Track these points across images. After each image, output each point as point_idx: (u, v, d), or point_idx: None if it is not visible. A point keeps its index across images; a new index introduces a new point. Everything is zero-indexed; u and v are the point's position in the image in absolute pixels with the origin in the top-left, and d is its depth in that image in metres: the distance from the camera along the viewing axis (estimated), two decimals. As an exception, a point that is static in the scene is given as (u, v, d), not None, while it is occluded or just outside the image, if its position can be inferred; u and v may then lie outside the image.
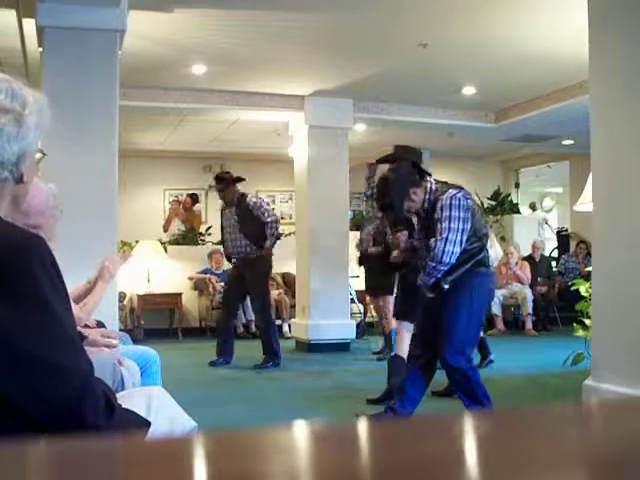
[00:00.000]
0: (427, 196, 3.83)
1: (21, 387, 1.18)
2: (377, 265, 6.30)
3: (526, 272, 9.53)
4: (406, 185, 3.80)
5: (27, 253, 1.21)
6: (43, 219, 2.03)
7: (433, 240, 3.72)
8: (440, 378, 5.00)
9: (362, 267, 6.80)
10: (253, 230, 6.59)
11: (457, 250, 3.71)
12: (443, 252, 3.68)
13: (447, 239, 3.68)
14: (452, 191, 3.78)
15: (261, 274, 6.71)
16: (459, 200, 3.74)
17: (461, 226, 3.72)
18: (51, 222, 2.31)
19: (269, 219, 6.65)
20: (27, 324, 1.18)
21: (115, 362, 2.24)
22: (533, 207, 13.37)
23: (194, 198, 10.92)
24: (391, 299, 6.30)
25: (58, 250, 1.47)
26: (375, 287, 6.48)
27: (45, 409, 1.20)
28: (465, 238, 3.73)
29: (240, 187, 6.87)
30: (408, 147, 4.71)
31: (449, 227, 3.69)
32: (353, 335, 7.80)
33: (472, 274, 3.82)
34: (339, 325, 7.49)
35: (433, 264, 3.70)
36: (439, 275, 3.75)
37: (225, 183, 6.71)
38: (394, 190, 3.80)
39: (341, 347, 7.26)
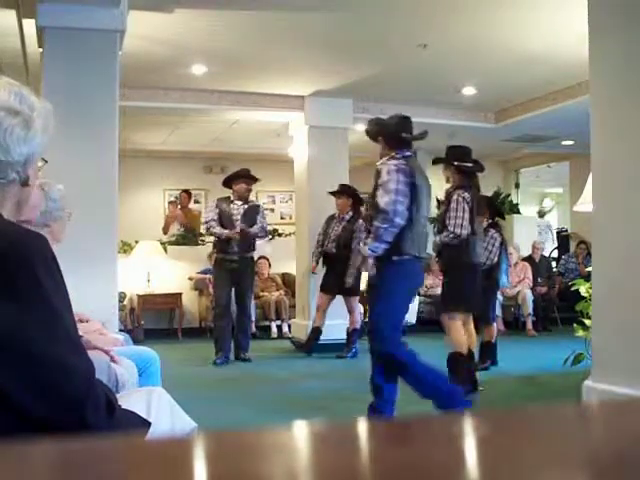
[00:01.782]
0: (381, 159, 4.01)
1: (23, 385, 1.18)
2: (340, 266, 6.77)
3: (527, 273, 9.53)
4: (379, 131, 4.10)
5: (28, 250, 1.21)
6: (33, 214, 2.03)
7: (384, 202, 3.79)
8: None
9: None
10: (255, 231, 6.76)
11: (403, 210, 3.78)
12: (395, 212, 3.76)
13: (394, 200, 3.77)
14: (394, 161, 3.91)
15: (254, 273, 7.36)
16: (395, 167, 3.86)
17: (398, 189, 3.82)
18: (57, 224, 2.31)
19: (267, 224, 7.13)
20: (28, 321, 1.18)
21: (108, 361, 2.23)
22: (541, 214, 13.34)
23: (189, 193, 10.90)
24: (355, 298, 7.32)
25: (58, 249, 1.47)
26: (337, 286, 7.08)
27: (46, 407, 1.20)
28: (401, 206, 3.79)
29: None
30: (457, 147, 4.91)
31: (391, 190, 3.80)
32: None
33: (390, 258, 3.85)
34: (339, 325, 7.47)
35: (385, 225, 3.77)
36: (389, 239, 3.78)
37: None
38: (378, 125, 4.15)
39: (341, 347, 7.24)
